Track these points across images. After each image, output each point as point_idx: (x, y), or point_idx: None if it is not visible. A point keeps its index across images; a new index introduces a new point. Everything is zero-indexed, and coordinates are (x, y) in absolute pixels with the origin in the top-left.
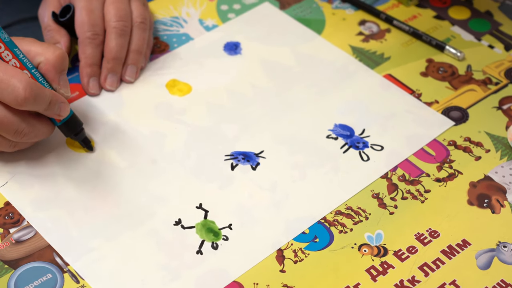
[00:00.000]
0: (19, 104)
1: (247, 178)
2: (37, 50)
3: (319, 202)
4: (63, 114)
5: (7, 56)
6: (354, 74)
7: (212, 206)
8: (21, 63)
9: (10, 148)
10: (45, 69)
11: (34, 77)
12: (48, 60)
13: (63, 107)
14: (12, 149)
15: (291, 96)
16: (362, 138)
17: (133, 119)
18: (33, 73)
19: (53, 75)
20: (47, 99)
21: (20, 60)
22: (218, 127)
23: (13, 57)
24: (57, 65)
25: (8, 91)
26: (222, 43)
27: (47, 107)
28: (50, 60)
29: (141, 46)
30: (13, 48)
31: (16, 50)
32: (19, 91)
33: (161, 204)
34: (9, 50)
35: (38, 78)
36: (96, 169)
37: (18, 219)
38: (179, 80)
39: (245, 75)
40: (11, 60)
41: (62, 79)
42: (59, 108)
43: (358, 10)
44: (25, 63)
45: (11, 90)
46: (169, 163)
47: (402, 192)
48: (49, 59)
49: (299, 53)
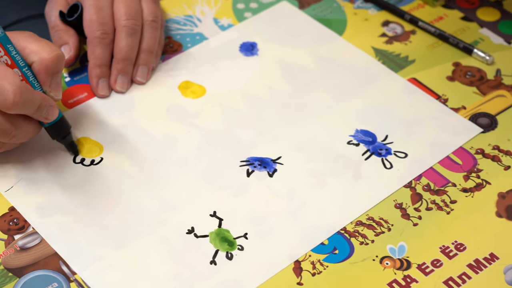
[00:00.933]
0: (7, 108)
1: (263, 185)
2: (32, 48)
3: (339, 211)
4: (50, 118)
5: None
6: (376, 78)
7: (226, 214)
8: (12, 61)
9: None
10: (37, 70)
11: (25, 76)
12: (42, 60)
13: (51, 111)
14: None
15: (310, 99)
16: (385, 145)
17: (144, 122)
18: (24, 72)
19: (44, 77)
20: (36, 103)
21: (12, 57)
22: (233, 132)
23: (5, 54)
24: (50, 67)
25: None
26: (238, 44)
27: (36, 111)
28: (44, 61)
29: (153, 45)
30: (6, 44)
31: (9, 46)
32: (9, 94)
33: (173, 211)
34: (2, 46)
35: (29, 78)
36: (105, 174)
37: (23, 225)
38: (193, 82)
39: (261, 77)
40: (3, 57)
41: (54, 81)
42: (47, 111)
43: (382, 10)
44: (17, 61)
45: (0, 92)
46: (182, 168)
47: (427, 202)
48: (43, 60)
49: (319, 54)
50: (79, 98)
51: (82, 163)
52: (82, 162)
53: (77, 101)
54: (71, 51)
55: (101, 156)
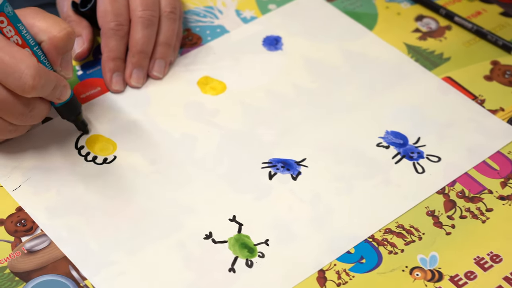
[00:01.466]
0: (26, 92)
1: (286, 189)
2: (41, 25)
3: (367, 218)
4: (63, 98)
5: (9, 32)
6: (409, 76)
7: (247, 219)
8: (23, 40)
9: (11, 133)
10: (47, 49)
11: (36, 55)
12: (52, 39)
13: (64, 91)
14: (12, 134)
15: (338, 98)
16: (416, 148)
17: (160, 119)
18: (35, 51)
19: (55, 57)
20: (52, 84)
21: (23, 36)
22: (255, 131)
23: (16, 33)
24: (61, 46)
25: (15, 77)
26: (261, 37)
27: (51, 92)
28: (54, 40)
29: (170, 38)
30: (17, 24)
31: (20, 25)
32: (27, 78)
33: (190, 215)
34: (12, 26)
35: (40, 57)
36: (118, 174)
37: (31, 227)
38: (212, 78)
39: (286, 73)
40: (13, 37)
41: (65, 60)
42: (60, 92)
43: (415, 4)
44: (27, 40)
45: (17, 76)
46: (200, 170)
47: (461, 210)
48: (53, 39)
49: (348, 50)
50: (92, 93)
51: (94, 161)
52: (94, 161)
53: (89, 96)
54: (84, 43)
55: (114, 155)
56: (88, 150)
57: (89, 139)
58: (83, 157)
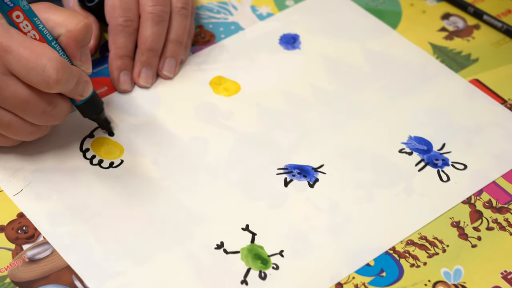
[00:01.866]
0: (50, 87)
1: (303, 197)
2: (57, 19)
3: (388, 229)
4: (85, 94)
5: (26, 27)
6: (434, 78)
7: (260, 229)
8: (40, 35)
9: (31, 135)
10: (66, 43)
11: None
12: (71, 32)
13: (87, 87)
14: (33, 136)
15: (358, 100)
16: (441, 154)
17: (171, 121)
18: (53, 46)
19: (74, 50)
20: (75, 78)
21: (40, 31)
22: (270, 135)
23: (33, 28)
24: (80, 38)
25: (37, 72)
26: (278, 35)
27: (73, 88)
28: (72, 33)
29: (182, 35)
30: (33, 18)
31: (36, 19)
32: (50, 72)
33: (200, 223)
34: (29, 20)
35: (58, 52)
36: (125, 179)
37: (33, 234)
38: (226, 78)
39: (304, 74)
40: (30, 32)
41: (84, 53)
42: (83, 87)
43: (441, 1)
44: (45, 35)
45: (40, 70)
46: (211, 175)
47: (488, 221)
48: (71, 32)
49: (369, 50)
50: (99, 93)
51: (100, 165)
52: (100, 164)
53: None
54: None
55: (121, 159)
56: (93, 153)
57: (95, 141)
58: (88, 160)
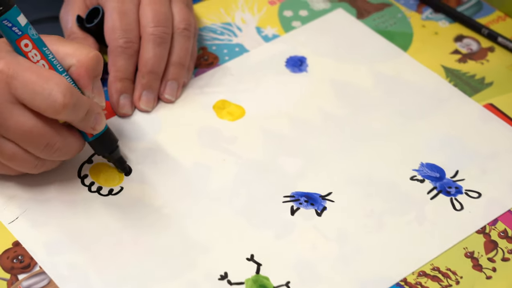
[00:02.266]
0: (57, 112)
1: (310, 226)
2: (67, 50)
3: (399, 259)
4: (98, 128)
5: (35, 56)
6: (447, 102)
7: (266, 259)
8: (50, 65)
9: (35, 168)
10: (77, 74)
11: None
12: (81, 63)
13: (99, 119)
14: (37, 169)
15: (368, 125)
16: (454, 182)
17: (172, 147)
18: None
19: (86, 81)
20: (85, 107)
21: (50, 61)
22: (276, 161)
23: (42, 58)
24: (91, 69)
25: (44, 96)
26: (284, 58)
27: (84, 118)
28: (83, 63)
29: (184, 57)
30: (42, 47)
31: (45, 49)
32: (57, 96)
33: (203, 252)
34: (38, 49)
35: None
36: (125, 206)
37: (29, 264)
38: (230, 101)
39: (311, 97)
40: (39, 61)
41: (96, 86)
42: (95, 119)
43: (454, 22)
44: (55, 65)
45: (47, 94)
46: (215, 203)
47: (503, 251)
48: (82, 62)
49: (379, 72)
50: None
51: (99, 192)
52: (99, 191)
53: None
54: None
55: (120, 186)
56: (92, 179)
57: (94, 167)
58: (86, 187)
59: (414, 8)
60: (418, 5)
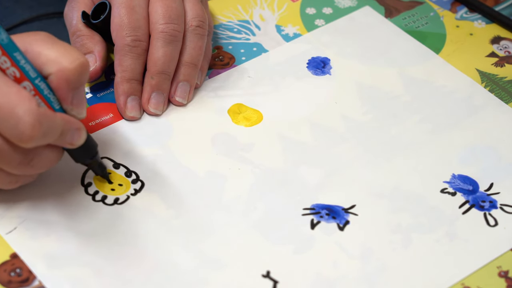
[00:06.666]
0: (23, 142)
1: (331, 241)
2: (50, 54)
3: (427, 278)
4: (76, 143)
5: (4, 63)
6: (481, 109)
7: (283, 276)
8: (21, 73)
9: (11, 184)
10: (56, 84)
11: (38, 90)
12: (62, 72)
13: (77, 135)
14: (14, 185)
15: (396, 133)
16: (489, 196)
17: (183, 154)
18: (37, 84)
19: (65, 93)
20: (58, 130)
21: (21, 67)
22: (295, 171)
23: (12, 64)
24: (72, 80)
25: (11, 124)
26: (306, 59)
27: (58, 138)
28: (64, 73)
29: (197, 57)
30: (13, 53)
31: (17, 55)
32: (25, 127)
33: (215, 269)
34: (7, 56)
35: (43, 92)
36: (131, 217)
37: (28, 278)
38: (246, 105)
39: (334, 103)
40: (9, 68)
41: (77, 96)
42: (72, 136)
43: (492, 23)
44: (26, 71)
45: (14, 123)
46: (229, 215)
47: None
48: (63, 71)
49: (409, 76)
50: (103, 120)
51: (104, 201)
52: (104, 201)
53: (100, 124)
54: (97, 61)
55: (127, 194)
56: (96, 188)
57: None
58: (90, 196)
59: (447, 7)
60: (452, 4)
